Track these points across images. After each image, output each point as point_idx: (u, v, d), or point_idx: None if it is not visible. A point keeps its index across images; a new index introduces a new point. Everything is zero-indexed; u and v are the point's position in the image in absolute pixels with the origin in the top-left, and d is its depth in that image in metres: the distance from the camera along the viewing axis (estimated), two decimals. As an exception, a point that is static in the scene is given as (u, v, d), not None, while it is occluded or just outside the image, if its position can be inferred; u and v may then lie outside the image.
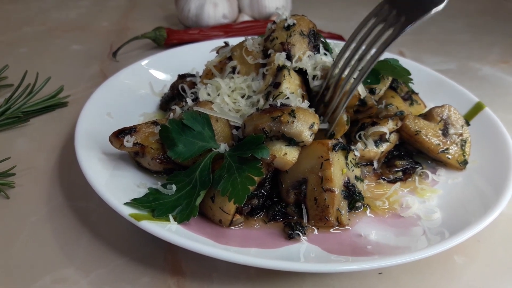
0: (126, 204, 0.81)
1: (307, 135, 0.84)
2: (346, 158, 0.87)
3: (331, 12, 2.11)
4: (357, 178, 0.90)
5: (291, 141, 0.85)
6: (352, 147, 0.94)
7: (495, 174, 0.95)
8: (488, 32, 1.93)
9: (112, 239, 0.87)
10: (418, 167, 1.02)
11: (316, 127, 0.86)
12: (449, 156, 1.01)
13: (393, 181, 0.99)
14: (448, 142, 1.02)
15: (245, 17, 1.83)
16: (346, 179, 0.86)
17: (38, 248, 0.85)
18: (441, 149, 1.01)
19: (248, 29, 1.73)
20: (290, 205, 0.89)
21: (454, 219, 0.86)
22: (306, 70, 1.00)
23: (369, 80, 0.95)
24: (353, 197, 0.86)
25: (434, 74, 1.30)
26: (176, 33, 1.67)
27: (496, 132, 1.05)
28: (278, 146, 0.85)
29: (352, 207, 0.88)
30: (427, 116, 1.06)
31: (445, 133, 1.03)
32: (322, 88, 0.98)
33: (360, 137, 0.98)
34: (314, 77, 0.97)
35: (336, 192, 0.84)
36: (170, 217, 0.81)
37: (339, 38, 1.68)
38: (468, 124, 1.06)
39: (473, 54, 1.73)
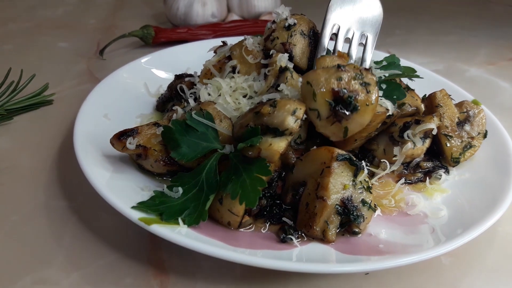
0: (133, 207, 0.78)
1: (290, 122, 0.80)
2: (355, 176, 0.83)
3: (321, 11, 2.10)
4: (364, 202, 0.83)
5: (277, 131, 0.82)
6: (368, 166, 0.88)
7: (495, 170, 0.97)
8: (475, 33, 1.96)
9: (94, 239, 0.85)
10: (441, 170, 1.00)
11: (299, 113, 0.81)
12: (448, 144, 1.00)
13: (414, 182, 0.99)
14: (456, 133, 1.02)
15: (234, 17, 1.82)
16: (348, 196, 0.81)
17: (18, 248, 0.82)
18: (446, 132, 1.01)
19: (237, 28, 1.72)
20: (288, 208, 0.87)
21: (460, 216, 0.87)
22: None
23: (395, 96, 0.95)
24: (348, 218, 0.81)
25: (428, 73, 1.31)
26: (164, 31, 1.64)
27: (494, 128, 1.07)
28: (265, 139, 0.82)
29: (344, 226, 0.83)
30: (457, 103, 1.07)
31: (460, 124, 1.02)
32: None
33: (408, 136, 0.96)
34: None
35: (328, 203, 0.80)
36: (180, 221, 0.79)
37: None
38: (485, 136, 1.04)
39: (460, 55, 1.76)
